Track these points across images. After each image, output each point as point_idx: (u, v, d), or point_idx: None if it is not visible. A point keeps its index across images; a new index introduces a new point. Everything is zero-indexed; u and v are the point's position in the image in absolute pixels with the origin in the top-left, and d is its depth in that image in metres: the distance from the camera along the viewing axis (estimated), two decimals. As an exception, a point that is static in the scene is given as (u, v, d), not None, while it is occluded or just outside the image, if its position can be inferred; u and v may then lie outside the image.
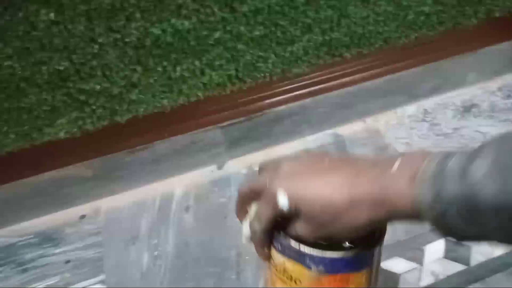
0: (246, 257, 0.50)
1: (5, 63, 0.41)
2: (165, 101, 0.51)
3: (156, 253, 0.51)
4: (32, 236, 0.54)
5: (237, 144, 0.60)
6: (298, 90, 0.58)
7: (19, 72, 0.42)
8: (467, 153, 0.21)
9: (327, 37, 0.53)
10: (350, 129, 0.64)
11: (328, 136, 0.63)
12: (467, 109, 0.67)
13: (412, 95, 0.67)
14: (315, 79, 0.58)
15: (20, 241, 0.53)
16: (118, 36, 0.43)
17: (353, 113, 0.64)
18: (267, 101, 0.57)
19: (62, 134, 0.48)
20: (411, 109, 0.67)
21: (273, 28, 0.50)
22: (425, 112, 0.67)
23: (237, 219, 0.29)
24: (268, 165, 0.29)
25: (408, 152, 0.24)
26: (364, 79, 0.60)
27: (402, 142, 0.62)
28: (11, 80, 0.42)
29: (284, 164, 0.27)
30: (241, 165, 0.61)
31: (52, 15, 0.40)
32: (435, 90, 0.68)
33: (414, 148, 0.61)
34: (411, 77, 0.64)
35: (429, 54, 0.63)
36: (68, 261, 0.51)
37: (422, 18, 0.57)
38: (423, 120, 0.65)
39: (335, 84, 0.59)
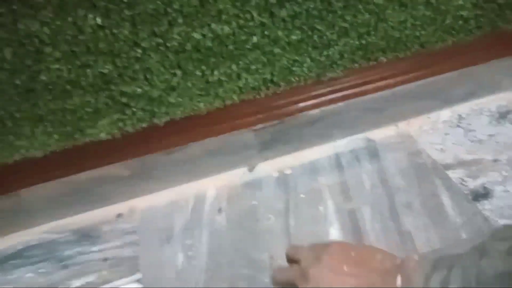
0: (279, 261, 0.50)
1: (53, 66, 0.42)
2: (201, 104, 0.52)
3: (190, 253, 0.52)
4: (71, 233, 0.55)
5: (269, 147, 0.60)
6: (332, 94, 0.57)
7: (66, 75, 0.43)
8: (444, 270, 0.29)
9: (363, 41, 0.53)
10: (382, 134, 0.63)
11: (359, 141, 0.63)
12: (503, 115, 0.65)
13: (446, 100, 0.66)
14: (349, 83, 0.57)
15: (60, 237, 0.55)
16: (161, 40, 0.44)
17: (385, 118, 0.64)
18: (301, 104, 0.57)
19: (103, 135, 0.49)
20: (445, 114, 0.66)
21: (310, 32, 0.50)
22: (460, 117, 0.65)
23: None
24: (297, 256, 0.41)
25: (405, 262, 0.33)
26: (398, 83, 0.59)
27: (437, 148, 0.61)
28: (58, 82, 0.44)
29: (311, 271, 0.36)
30: (272, 168, 0.61)
31: (99, 19, 0.41)
32: (470, 95, 0.67)
33: (447, 153, 0.60)
34: (445, 81, 0.63)
35: (465, 58, 0.62)
36: (105, 259, 0.52)
37: (460, 22, 0.56)
38: (458, 126, 0.64)
39: (369, 88, 0.58)
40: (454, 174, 0.57)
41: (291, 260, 0.47)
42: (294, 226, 0.53)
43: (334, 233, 0.51)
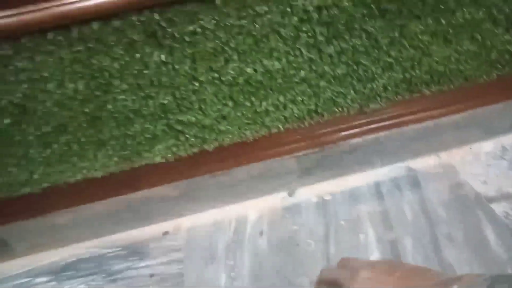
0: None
1: (119, 97, 0.47)
2: (248, 132, 0.55)
3: (233, 274, 0.54)
4: (120, 248, 0.59)
5: (309, 173, 0.62)
6: (373, 124, 0.59)
7: (130, 105, 0.47)
8: (505, 284, 0.28)
9: (407, 75, 0.54)
10: (423, 163, 0.64)
11: (400, 169, 0.63)
12: (549, 148, 0.64)
13: (489, 131, 0.65)
14: (392, 114, 0.59)
15: (110, 252, 0.59)
16: (216, 75, 0.47)
17: (426, 147, 0.64)
18: (343, 133, 0.59)
19: (158, 159, 0.53)
20: (488, 145, 0.65)
21: (355, 67, 0.52)
22: (503, 149, 0.65)
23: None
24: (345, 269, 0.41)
25: (463, 276, 0.32)
26: (441, 115, 0.60)
27: (480, 179, 0.60)
28: (122, 111, 0.48)
29: (361, 272, 0.37)
30: (312, 193, 0.63)
31: (163, 56, 0.45)
32: (514, 126, 0.66)
33: (491, 185, 0.60)
34: (489, 112, 0.63)
35: (510, 90, 0.62)
36: (152, 275, 0.55)
37: (507, 57, 0.56)
38: (501, 158, 0.64)
39: (411, 118, 0.59)
40: (498, 208, 0.57)
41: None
42: (335, 253, 0.54)
43: (375, 263, 0.52)
